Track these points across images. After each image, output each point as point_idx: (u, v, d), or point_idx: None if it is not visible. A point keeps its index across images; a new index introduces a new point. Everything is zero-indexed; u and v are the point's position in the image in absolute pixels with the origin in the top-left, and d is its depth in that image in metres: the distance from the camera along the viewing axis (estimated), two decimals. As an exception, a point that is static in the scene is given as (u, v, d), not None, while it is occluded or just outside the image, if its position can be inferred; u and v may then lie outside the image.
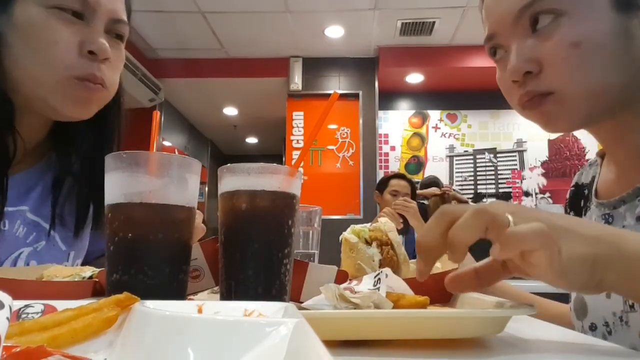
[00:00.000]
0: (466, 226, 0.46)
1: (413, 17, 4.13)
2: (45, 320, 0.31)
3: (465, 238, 0.46)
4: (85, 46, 0.80)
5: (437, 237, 0.49)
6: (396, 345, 0.45)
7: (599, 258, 0.45)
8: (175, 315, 0.28)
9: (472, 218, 0.46)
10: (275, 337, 0.26)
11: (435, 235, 0.49)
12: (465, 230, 0.46)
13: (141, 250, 0.48)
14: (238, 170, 0.53)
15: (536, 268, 0.46)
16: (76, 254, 0.94)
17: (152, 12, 3.99)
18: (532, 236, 0.44)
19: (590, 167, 0.89)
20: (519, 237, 0.44)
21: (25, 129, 0.84)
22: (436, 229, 0.49)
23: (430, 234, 0.49)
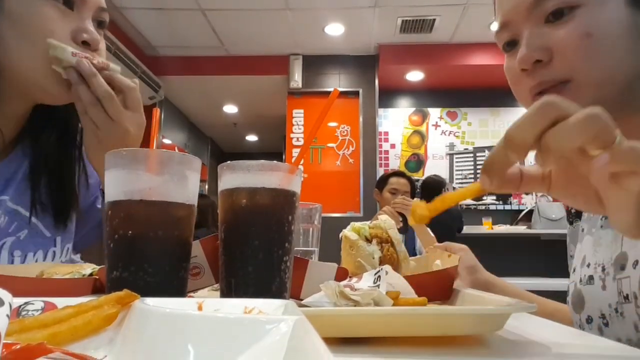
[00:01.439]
0: (575, 129, 0.39)
1: (413, 15, 4.13)
2: (46, 318, 0.31)
3: (567, 143, 0.40)
4: (78, 36, 0.81)
5: (531, 135, 0.42)
6: (396, 342, 0.45)
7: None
8: (176, 313, 0.28)
9: (584, 121, 0.39)
10: (276, 334, 0.26)
11: (529, 133, 0.42)
12: (571, 134, 0.40)
13: (141, 248, 0.48)
14: (238, 168, 0.53)
15: (622, 197, 0.41)
16: (64, 239, 0.93)
17: (152, 10, 3.98)
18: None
19: None
20: None
21: (6, 119, 0.84)
22: (532, 127, 0.42)
23: (523, 130, 0.42)
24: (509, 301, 0.51)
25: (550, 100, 0.41)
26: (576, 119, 0.39)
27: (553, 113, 0.41)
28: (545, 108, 0.41)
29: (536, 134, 0.41)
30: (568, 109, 0.40)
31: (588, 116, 0.39)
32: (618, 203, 0.42)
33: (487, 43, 4.47)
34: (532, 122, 0.41)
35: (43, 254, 0.89)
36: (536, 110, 0.41)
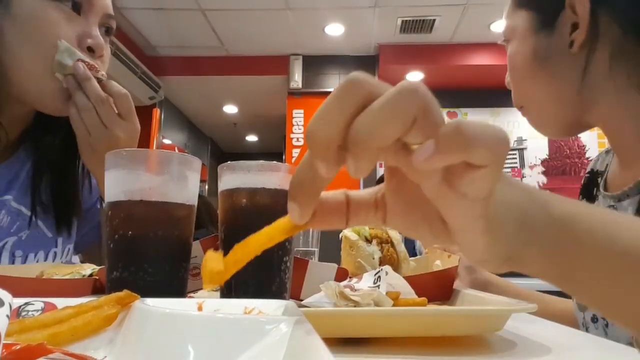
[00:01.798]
0: (385, 111, 0.27)
1: (413, 15, 4.12)
2: (46, 318, 0.31)
3: (379, 133, 0.27)
4: (83, 42, 0.80)
5: (334, 127, 0.28)
6: (396, 342, 0.45)
7: (526, 216, 0.32)
8: (176, 313, 0.28)
9: (397, 99, 0.27)
10: (276, 334, 0.26)
11: (331, 124, 0.28)
12: (381, 119, 0.27)
13: (141, 248, 0.48)
14: (238, 168, 0.53)
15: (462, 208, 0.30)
16: (65, 239, 0.93)
17: (152, 10, 3.98)
18: (489, 140, 0.27)
19: (607, 155, 0.89)
20: (474, 135, 0.27)
21: (9, 120, 0.84)
22: (334, 116, 0.28)
23: (325, 122, 0.29)
24: (508, 301, 0.52)
25: (353, 77, 0.29)
26: (386, 97, 0.27)
27: (358, 93, 0.28)
28: (347, 87, 0.29)
29: (341, 125, 0.28)
30: (377, 86, 0.29)
31: (400, 92, 0.27)
32: (459, 219, 0.32)
33: (487, 43, 4.47)
34: (333, 109, 0.29)
35: (44, 254, 0.89)
36: (337, 92, 0.29)
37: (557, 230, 0.33)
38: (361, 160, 0.28)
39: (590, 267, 0.32)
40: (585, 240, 0.32)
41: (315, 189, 0.31)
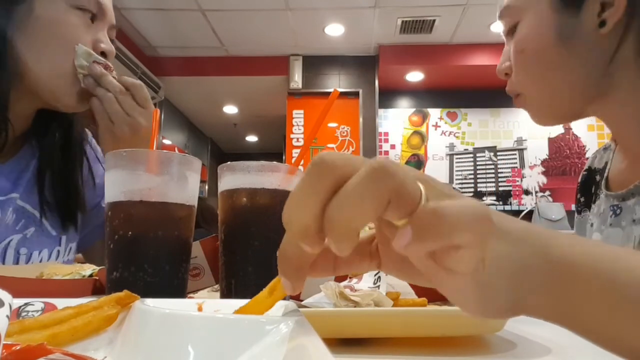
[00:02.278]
0: (359, 197, 0.26)
1: (413, 15, 4.13)
2: (46, 319, 0.31)
3: (355, 219, 0.27)
4: (97, 47, 0.86)
5: (309, 216, 0.28)
6: (396, 343, 0.45)
7: (523, 266, 0.31)
8: (176, 313, 0.28)
9: (367, 182, 0.26)
10: (276, 335, 0.26)
11: (305, 213, 0.28)
12: (356, 206, 0.26)
13: (141, 248, 0.48)
14: (238, 169, 0.53)
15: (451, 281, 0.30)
16: (69, 238, 0.94)
17: (152, 10, 3.99)
18: (469, 222, 0.27)
19: (605, 152, 0.87)
20: (451, 221, 0.26)
21: (17, 117, 0.85)
22: (306, 204, 0.28)
23: (298, 211, 0.28)
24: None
25: (320, 160, 0.28)
26: (355, 181, 0.26)
27: (328, 177, 0.27)
28: (316, 171, 0.27)
29: (315, 212, 0.27)
30: (347, 165, 0.27)
31: (369, 175, 0.26)
32: (449, 290, 0.31)
33: (487, 43, 4.48)
34: (305, 195, 0.28)
35: (48, 252, 0.90)
36: (307, 177, 0.28)
37: (557, 276, 0.31)
38: (341, 243, 0.27)
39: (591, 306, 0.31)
40: (586, 282, 0.31)
41: (302, 262, 0.31)
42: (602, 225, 0.78)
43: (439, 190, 0.28)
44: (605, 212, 0.76)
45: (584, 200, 0.89)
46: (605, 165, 0.84)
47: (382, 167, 0.26)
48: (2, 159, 0.87)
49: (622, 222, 0.73)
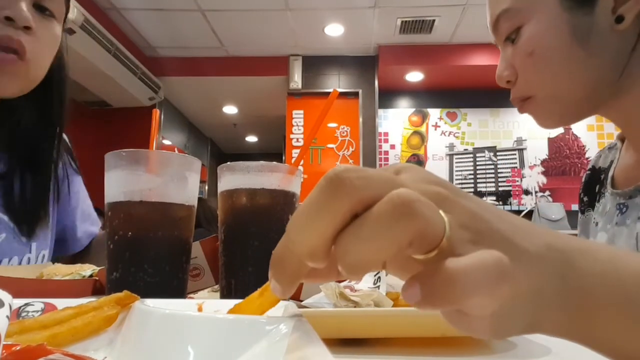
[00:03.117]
0: (379, 235, 0.24)
1: (413, 15, 4.13)
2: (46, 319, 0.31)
3: (371, 258, 0.25)
4: (3, 12, 0.75)
5: (323, 239, 0.25)
6: (396, 343, 0.45)
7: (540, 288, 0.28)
8: (175, 314, 0.28)
9: (390, 220, 0.24)
10: (276, 335, 0.26)
11: (314, 238, 0.25)
12: (375, 246, 0.24)
13: (141, 249, 0.48)
14: (238, 169, 0.53)
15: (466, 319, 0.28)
16: (39, 245, 0.89)
17: (152, 10, 3.99)
18: (484, 287, 0.24)
19: (610, 151, 0.86)
20: (463, 289, 0.24)
21: None
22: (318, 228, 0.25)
23: (308, 233, 0.25)
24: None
25: (339, 179, 0.25)
26: (377, 217, 0.24)
27: (346, 200, 0.24)
28: (334, 191, 0.25)
29: (327, 237, 0.25)
30: (368, 187, 0.25)
31: (394, 212, 0.24)
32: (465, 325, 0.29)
33: (487, 44, 4.45)
34: (318, 218, 0.25)
35: (18, 259, 0.86)
36: (322, 197, 0.25)
37: (576, 300, 0.29)
38: (353, 274, 0.25)
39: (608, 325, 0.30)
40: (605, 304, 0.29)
41: (299, 271, 0.28)
42: (607, 224, 0.77)
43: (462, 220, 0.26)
44: (611, 210, 0.75)
45: (588, 200, 0.87)
46: (610, 164, 0.83)
47: (408, 205, 0.24)
48: None
49: (627, 220, 0.72)
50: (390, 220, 0.24)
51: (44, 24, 0.82)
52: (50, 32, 0.83)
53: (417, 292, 0.24)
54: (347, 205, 0.25)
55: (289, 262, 0.28)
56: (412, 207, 0.24)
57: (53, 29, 0.84)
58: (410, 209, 0.24)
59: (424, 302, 0.24)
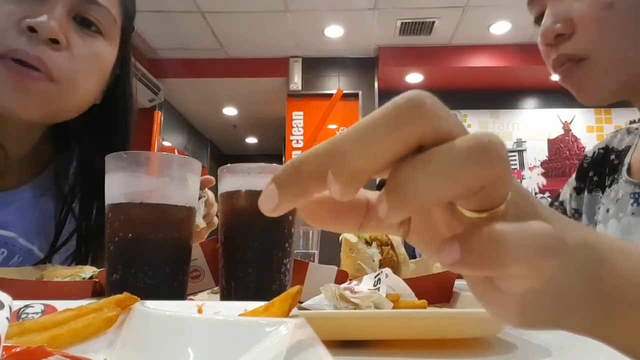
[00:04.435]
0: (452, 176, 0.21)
1: (413, 17, 4.13)
2: (45, 321, 0.31)
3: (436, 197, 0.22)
4: (23, 23, 0.64)
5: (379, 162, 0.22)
6: (396, 345, 0.45)
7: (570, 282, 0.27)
8: (175, 316, 0.28)
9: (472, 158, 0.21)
10: (275, 337, 0.26)
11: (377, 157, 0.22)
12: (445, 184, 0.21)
13: (141, 250, 0.48)
14: (238, 170, 0.53)
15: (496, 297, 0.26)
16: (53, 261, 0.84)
17: (152, 12, 3.99)
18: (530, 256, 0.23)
19: (628, 134, 0.81)
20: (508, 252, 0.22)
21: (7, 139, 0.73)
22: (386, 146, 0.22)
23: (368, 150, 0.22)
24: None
25: (418, 100, 0.22)
26: (457, 154, 0.21)
27: (421, 126, 0.22)
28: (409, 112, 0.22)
29: (385, 161, 0.22)
30: (447, 121, 0.22)
31: (478, 152, 0.21)
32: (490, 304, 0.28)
33: (487, 45, 4.48)
34: (381, 137, 0.22)
35: None
36: (393, 115, 0.23)
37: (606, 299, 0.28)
38: (397, 213, 0.22)
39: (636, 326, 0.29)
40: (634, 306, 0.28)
41: (311, 189, 0.25)
42: (620, 212, 0.73)
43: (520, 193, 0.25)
44: (624, 199, 0.72)
45: (598, 180, 0.82)
46: (626, 148, 0.78)
47: (497, 150, 0.21)
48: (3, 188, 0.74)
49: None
50: (473, 158, 0.21)
51: (86, 40, 0.71)
52: (91, 49, 0.72)
53: (456, 251, 0.22)
54: (419, 132, 0.22)
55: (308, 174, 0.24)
56: (500, 152, 0.21)
57: (96, 46, 0.73)
58: (497, 153, 0.21)
59: (462, 263, 0.22)
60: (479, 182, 0.22)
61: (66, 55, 0.68)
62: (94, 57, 0.73)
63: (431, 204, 0.22)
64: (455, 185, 0.21)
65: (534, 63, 4.44)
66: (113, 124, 0.82)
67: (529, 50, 4.45)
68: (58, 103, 0.71)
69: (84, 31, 0.71)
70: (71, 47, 0.69)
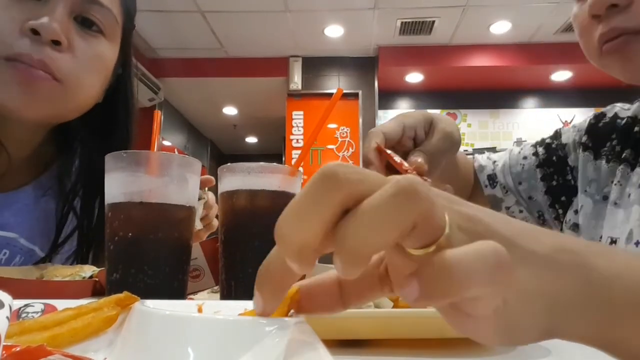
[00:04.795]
0: (382, 218, 0.23)
1: (413, 17, 4.13)
2: (45, 320, 0.31)
3: (375, 242, 0.23)
4: (25, 25, 0.65)
5: (314, 232, 0.24)
6: (396, 344, 0.45)
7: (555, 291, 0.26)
8: (176, 315, 0.28)
9: (394, 202, 0.23)
10: (275, 336, 0.26)
11: (310, 228, 0.24)
12: (378, 228, 0.23)
13: (141, 250, 0.48)
14: (238, 170, 0.53)
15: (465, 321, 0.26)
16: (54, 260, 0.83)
17: (152, 12, 3.99)
18: (483, 275, 0.23)
19: None
20: (460, 277, 0.23)
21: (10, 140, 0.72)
22: (315, 217, 0.24)
23: (302, 225, 0.24)
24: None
25: (330, 174, 0.24)
26: (380, 201, 0.23)
27: (338, 195, 0.24)
28: (325, 186, 0.24)
29: (318, 231, 0.24)
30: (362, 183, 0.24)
31: (398, 195, 0.23)
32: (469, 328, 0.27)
33: (487, 44, 4.48)
34: (309, 211, 0.24)
35: None
36: (312, 191, 0.24)
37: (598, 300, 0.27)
38: (351, 268, 0.24)
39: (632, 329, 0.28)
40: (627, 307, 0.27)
41: (284, 283, 0.28)
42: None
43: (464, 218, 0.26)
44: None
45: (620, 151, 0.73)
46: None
47: (413, 187, 0.23)
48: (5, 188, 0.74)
49: None
50: (395, 201, 0.23)
51: (87, 40, 0.71)
52: (93, 50, 0.72)
53: (415, 288, 0.23)
54: (339, 198, 0.24)
55: (276, 273, 0.28)
56: (419, 189, 0.23)
57: (98, 47, 0.73)
58: (416, 191, 0.23)
59: (423, 297, 0.23)
60: (408, 222, 0.23)
61: (69, 56, 0.69)
62: (96, 57, 0.74)
63: (375, 250, 0.24)
64: (388, 230, 0.23)
65: (534, 63, 4.44)
66: (114, 123, 0.82)
67: (529, 49, 4.45)
68: (63, 103, 0.71)
69: (85, 31, 0.72)
70: (73, 48, 0.70)
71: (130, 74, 0.87)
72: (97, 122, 0.80)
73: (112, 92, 0.81)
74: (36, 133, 0.78)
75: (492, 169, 0.89)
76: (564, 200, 0.83)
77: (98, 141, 0.80)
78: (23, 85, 0.66)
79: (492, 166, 0.89)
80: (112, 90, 0.81)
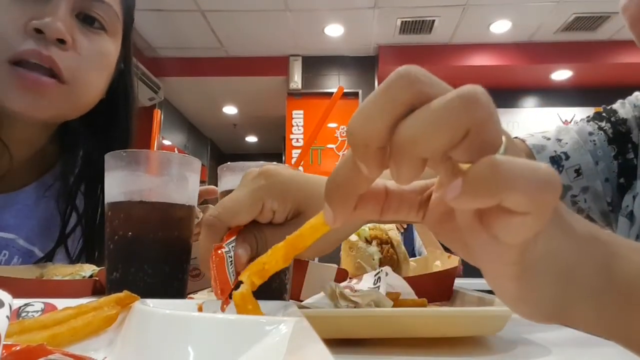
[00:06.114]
0: (437, 120, 0.23)
1: (413, 16, 4.13)
2: (45, 319, 0.31)
3: (426, 143, 0.24)
4: (30, 25, 0.65)
5: (379, 126, 0.25)
6: (396, 343, 0.45)
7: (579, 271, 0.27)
8: (176, 314, 0.28)
9: (454, 106, 0.23)
10: (276, 335, 0.26)
11: (375, 122, 0.25)
12: (432, 126, 0.23)
13: (141, 249, 0.48)
14: (238, 169, 0.53)
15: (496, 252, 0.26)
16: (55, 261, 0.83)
17: (152, 11, 3.98)
18: (529, 184, 0.22)
19: None
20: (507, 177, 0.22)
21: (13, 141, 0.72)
22: (380, 113, 0.25)
23: (368, 119, 0.25)
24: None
25: (405, 72, 0.25)
26: (440, 102, 0.24)
27: (408, 91, 0.24)
28: (397, 83, 0.25)
29: (384, 126, 0.24)
30: (432, 85, 0.25)
31: (458, 98, 0.23)
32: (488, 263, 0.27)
33: (487, 44, 4.48)
34: (377, 106, 0.25)
35: None
36: (384, 87, 0.25)
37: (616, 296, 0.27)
38: (403, 168, 0.25)
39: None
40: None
41: (353, 190, 0.28)
42: None
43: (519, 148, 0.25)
44: None
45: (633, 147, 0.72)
46: None
47: (473, 94, 0.23)
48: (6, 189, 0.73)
49: None
50: (454, 103, 0.23)
51: (90, 38, 0.71)
52: (96, 47, 0.72)
53: (459, 183, 0.23)
54: (407, 95, 0.24)
55: (345, 180, 0.28)
56: (479, 97, 0.23)
57: (101, 44, 0.73)
58: (476, 98, 0.23)
59: (465, 192, 0.23)
60: (461, 127, 0.23)
61: (73, 54, 0.69)
62: (100, 54, 0.74)
63: (428, 152, 0.24)
64: (440, 130, 0.23)
65: (534, 62, 4.44)
66: (115, 119, 0.83)
67: (529, 49, 4.45)
68: (69, 103, 0.72)
69: (87, 29, 0.72)
70: (77, 46, 0.70)
71: (131, 69, 0.88)
72: (98, 118, 0.80)
73: (113, 87, 0.82)
74: (41, 133, 0.78)
75: (554, 150, 0.76)
76: (622, 183, 0.74)
77: (99, 137, 0.81)
78: (29, 90, 0.66)
79: (555, 145, 0.77)
80: (113, 85, 0.82)
